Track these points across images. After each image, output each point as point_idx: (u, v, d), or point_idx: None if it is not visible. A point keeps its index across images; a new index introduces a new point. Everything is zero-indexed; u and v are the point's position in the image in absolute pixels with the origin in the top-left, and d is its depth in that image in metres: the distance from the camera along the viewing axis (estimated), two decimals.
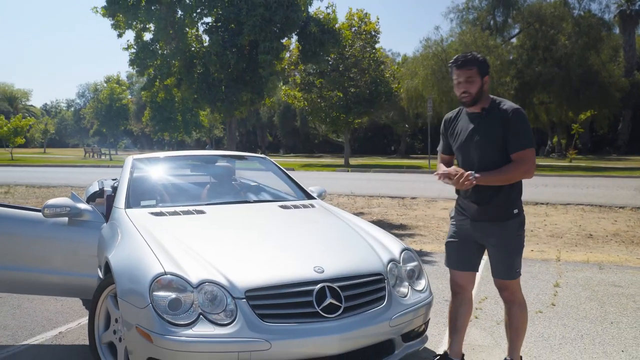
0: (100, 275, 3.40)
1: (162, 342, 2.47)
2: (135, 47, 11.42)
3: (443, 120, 3.19)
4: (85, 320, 4.16)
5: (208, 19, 10.65)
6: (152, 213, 3.56)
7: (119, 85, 35.07)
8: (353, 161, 34.45)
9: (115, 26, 11.14)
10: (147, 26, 11.23)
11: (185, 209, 3.68)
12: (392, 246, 3.28)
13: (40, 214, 3.69)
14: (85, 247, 3.68)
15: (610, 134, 52.30)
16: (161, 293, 2.59)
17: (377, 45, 26.84)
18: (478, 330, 3.90)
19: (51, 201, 3.64)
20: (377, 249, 3.18)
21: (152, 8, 10.61)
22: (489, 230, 2.95)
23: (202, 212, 3.63)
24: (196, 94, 10.76)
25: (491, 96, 2.96)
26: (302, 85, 27.08)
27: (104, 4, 10.81)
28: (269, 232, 3.40)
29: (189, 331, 2.48)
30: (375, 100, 26.00)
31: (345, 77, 26.21)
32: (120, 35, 11.12)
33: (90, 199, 4.93)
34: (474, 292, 4.73)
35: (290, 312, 2.61)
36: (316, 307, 2.62)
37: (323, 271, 2.76)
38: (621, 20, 47.15)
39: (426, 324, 3.16)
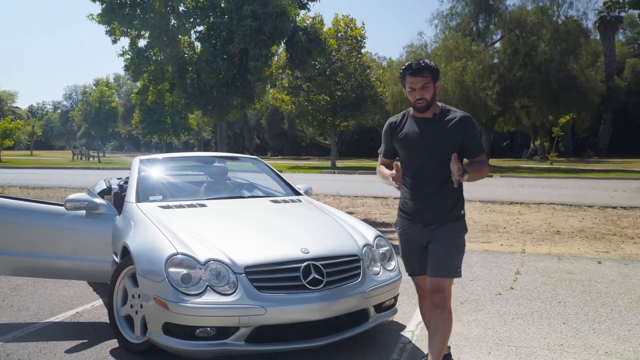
0: (117, 259, 3.93)
1: (177, 308, 3.02)
2: (130, 53, 11.91)
3: (388, 125, 3.15)
4: (97, 302, 4.69)
5: (200, 27, 11.17)
6: (160, 206, 4.11)
7: (109, 88, 35.38)
8: (340, 163, 35.07)
9: (111, 33, 11.61)
10: (142, 33, 11.72)
11: (189, 202, 4.23)
12: (367, 233, 3.86)
13: (61, 207, 4.22)
14: (101, 236, 4.20)
15: (592, 137, 53.53)
16: (174, 269, 3.14)
17: (362, 50, 27.50)
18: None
19: (71, 196, 4.16)
20: (354, 235, 3.76)
21: (147, 17, 11.10)
22: (438, 231, 2.96)
23: (203, 205, 4.19)
24: (189, 98, 11.26)
25: (438, 102, 3.04)
26: (289, 89, 27.64)
27: (99, 11, 11.29)
28: (262, 221, 3.97)
29: (199, 299, 3.04)
30: (361, 103, 26.63)
31: (331, 81, 26.79)
32: (114, 42, 11.58)
33: (100, 194, 5.44)
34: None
35: (281, 284, 3.17)
36: (302, 281, 3.19)
37: (308, 252, 3.33)
38: (602, 26, 48.42)
39: (395, 298, 3.73)
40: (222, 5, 10.82)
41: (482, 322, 4.15)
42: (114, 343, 3.68)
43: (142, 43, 12.08)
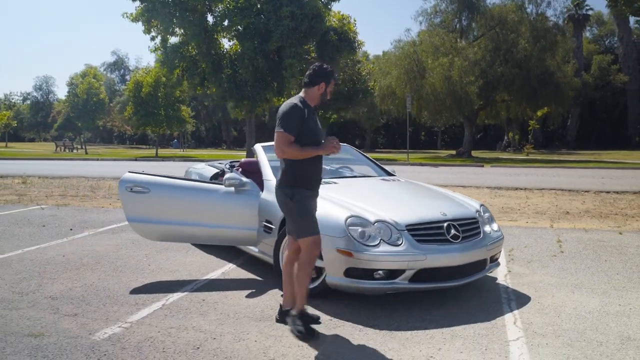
0: (271, 226, 4.83)
1: (360, 255, 3.99)
2: (161, 49, 12.63)
3: (299, 109, 3.66)
4: (231, 265, 5.59)
5: (239, 27, 11.99)
6: None
7: (96, 80, 35.45)
8: None
9: (147, 30, 12.30)
10: (175, 31, 12.47)
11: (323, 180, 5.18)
12: (473, 202, 4.92)
13: (216, 185, 5.12)
14: (247, 208, 5.10)
15: (560, 129, 56.01)
16: (353, 227, 4.11)
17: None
18: (517, 265, 5.58)
19: (227, 175, 5.07)
20: (465, 204, 4.80)
21: (185, 15, 11.86)
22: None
23: (335, 182, 5.16)
24: (225, 92, 12.08)
25: None
26: None
27: (133, 10, 11.98)
28: (394, 193, 4.98)
29: (377, 249, 4.01)
30: (353, 97, 27.67)
31: None
32: (153, 39, 12.30)
33: (213, 178, 6.33)
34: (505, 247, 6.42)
35: (433, 238, 4.18)
36: (447, 236, 4.21)
37: (446, 215, 4.36)
38: (570, 23, 50.67)
39: (499, 253, 4.79)
40: (259, 6, 11.65)
41: (554, 274, 5.25)
42: (276, 291, 4.63)
43: (173, 40, 12.84)
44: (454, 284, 4.24)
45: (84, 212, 9.24)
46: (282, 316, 3.89)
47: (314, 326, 3.71)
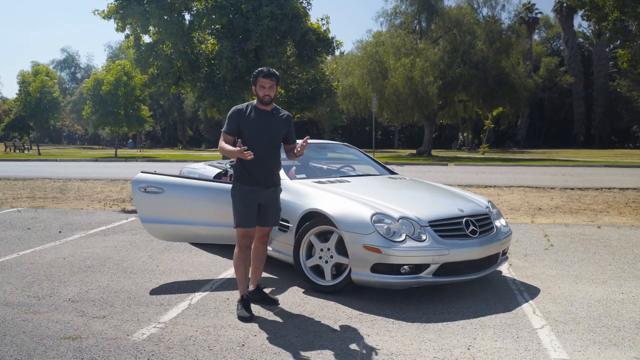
0: (289, 224, 4.89)
1: (389, 251, 4.12)
2: (134, 48, 12.38)
3: (236, 110, 4.03)
4: None
5: (217, 25, 11.90)
6: (315, 182, 5.14)
7: (50, 78, 34.15)
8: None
9: (121, 29, 12.04)
10: (150, 29, 12.25)
11: (334, 179, 5.29)
12: (481, 199, 5.14)
13: (225, 185, 5.13)
14: None
15: (510, 129, 58.01)
16: (379, 224, 4.23)
17: None
18: (515, 259, 5.85)
19: None
20: (475, 201, 5.02)
21: (160, 12, 11.66)
22: (271, 192, 4.11)
23: (348, 181, 5.27)
24: (202, 92, 11.99)
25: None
26: None
27: (104, 7, 11.69)
28: (406, 190, 5.14)
29: (404, 245, 4.15)
30: (316, 97, 27.74)
31: (287, 74, 27.70)
32: (127, 37, 12.04)
33: (217, 177, 6.32)
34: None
35: (453, 233, 4.36)
36: (466, 231, 4.40)
37: (463, 211, 4.55)
38: (524, 26, 52.53)
39: (508, 247, 5.03)
40: (238, 5, 11.59)
41: (552, 266, 5.55)
42: (296, 288, 4.71)
43: (147, 38, 12.60)
44: (473, 277, 4.44)
45: (66, 214, 9.01)
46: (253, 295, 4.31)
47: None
